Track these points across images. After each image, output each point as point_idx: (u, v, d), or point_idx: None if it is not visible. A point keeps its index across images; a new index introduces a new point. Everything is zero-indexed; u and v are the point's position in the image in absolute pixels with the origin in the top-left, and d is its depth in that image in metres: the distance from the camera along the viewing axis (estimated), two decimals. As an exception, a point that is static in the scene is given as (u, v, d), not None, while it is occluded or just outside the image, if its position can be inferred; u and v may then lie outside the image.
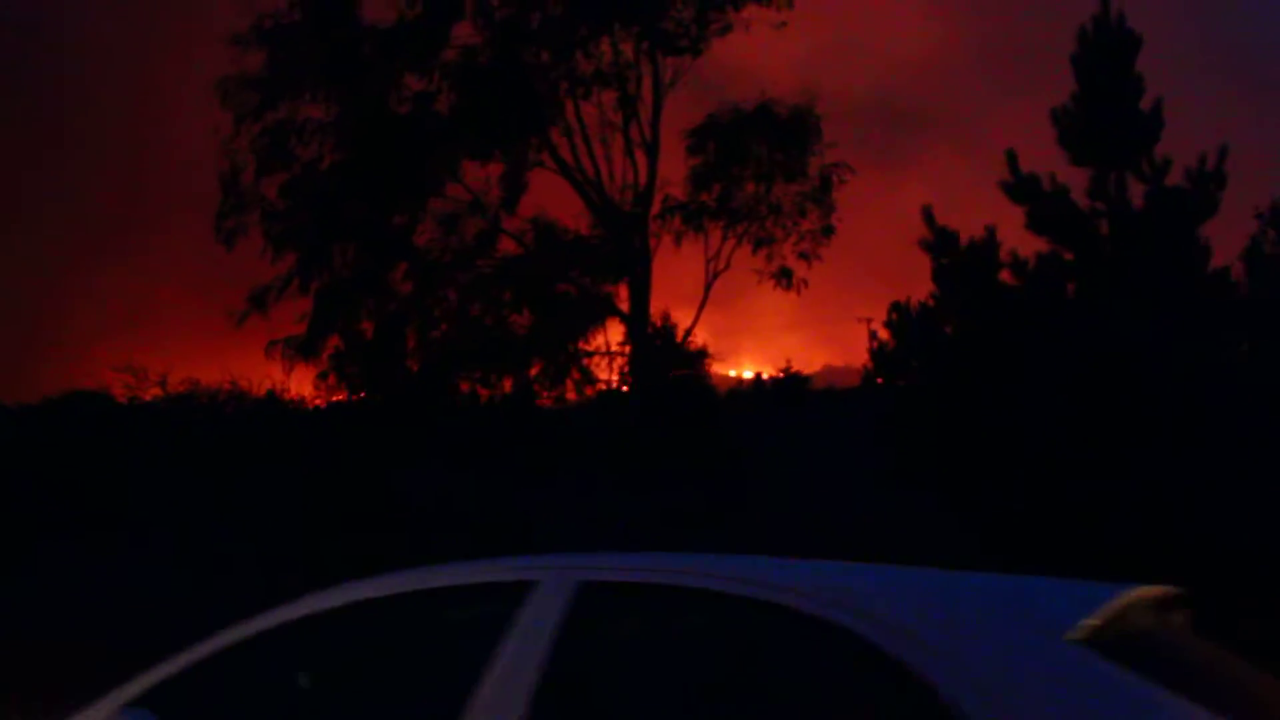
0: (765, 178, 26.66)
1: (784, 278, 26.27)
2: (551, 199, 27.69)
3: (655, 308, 27.01)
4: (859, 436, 30.52)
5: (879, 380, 33.10)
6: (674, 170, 27.05)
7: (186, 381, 26.68)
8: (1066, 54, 14.21)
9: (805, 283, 26.27)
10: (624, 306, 26.77)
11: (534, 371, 26.41)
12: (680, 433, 25.97)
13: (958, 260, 16.60)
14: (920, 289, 17.81)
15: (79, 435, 24.72)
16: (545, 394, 26.45)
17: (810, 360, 52.80)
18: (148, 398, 27.41)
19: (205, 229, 24.45)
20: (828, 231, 26.35)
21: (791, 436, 30.11)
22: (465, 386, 26.43)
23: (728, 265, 26.84)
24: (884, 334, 20.34)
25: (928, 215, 16.55)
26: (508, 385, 26.55)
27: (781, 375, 36.15)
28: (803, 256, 26.39)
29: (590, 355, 26.48)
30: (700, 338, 28.17)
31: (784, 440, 29.47)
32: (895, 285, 28.91)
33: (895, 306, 32.19)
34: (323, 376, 24.49)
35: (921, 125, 39.76)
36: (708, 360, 28.53)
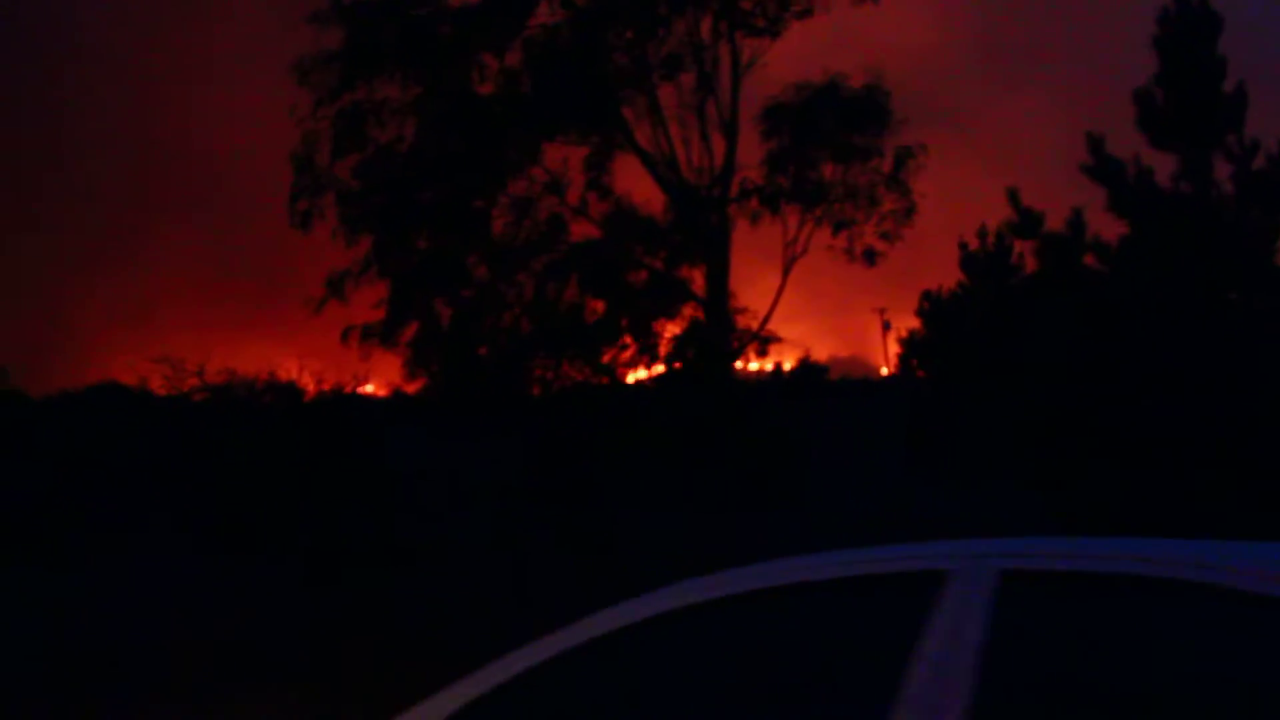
0: (841, 159, 26.36)
1: (868, 259, 25.98)
2: (626, 183, 27.41)
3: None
4: (886, 424, 30.63)
5: (914, 364, 32.94)
6: (746, 154, 26.91)
7: (223, 372, 26.54)
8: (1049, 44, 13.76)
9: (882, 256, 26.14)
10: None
11: (606, 358, 26.21)
12: (729, 421, 25.93)
13: (1045, 242, 16.25)
14: (926, 278, 17.73)
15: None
16: (621, 378, 26.28)
17: (817, 351, 52.72)
18: (185, 388, 27.25)
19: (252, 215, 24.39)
20: (910, 212, 26.03)
21: (821, 424, 30.03)
22: (538, 373, 26.35)
23: (805, 250, 26.62)
24: (914, 323, 19.91)
25: (1013, 197, 16.20)
26: (578, 373, 26.38)
27: (799, 365, 36.46)
28: (884, 237, 26.18)
29: (661, 340, 26.20)
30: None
31: (816, 429, 29.39)
32: (892, 277, 28.23)
33: (926, 295, 32.38)
34: (410, 368, 24.36)
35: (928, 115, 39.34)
36: (775, 346, 28.18)
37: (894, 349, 44.77)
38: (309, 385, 26.33)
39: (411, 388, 25.40)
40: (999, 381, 31.33)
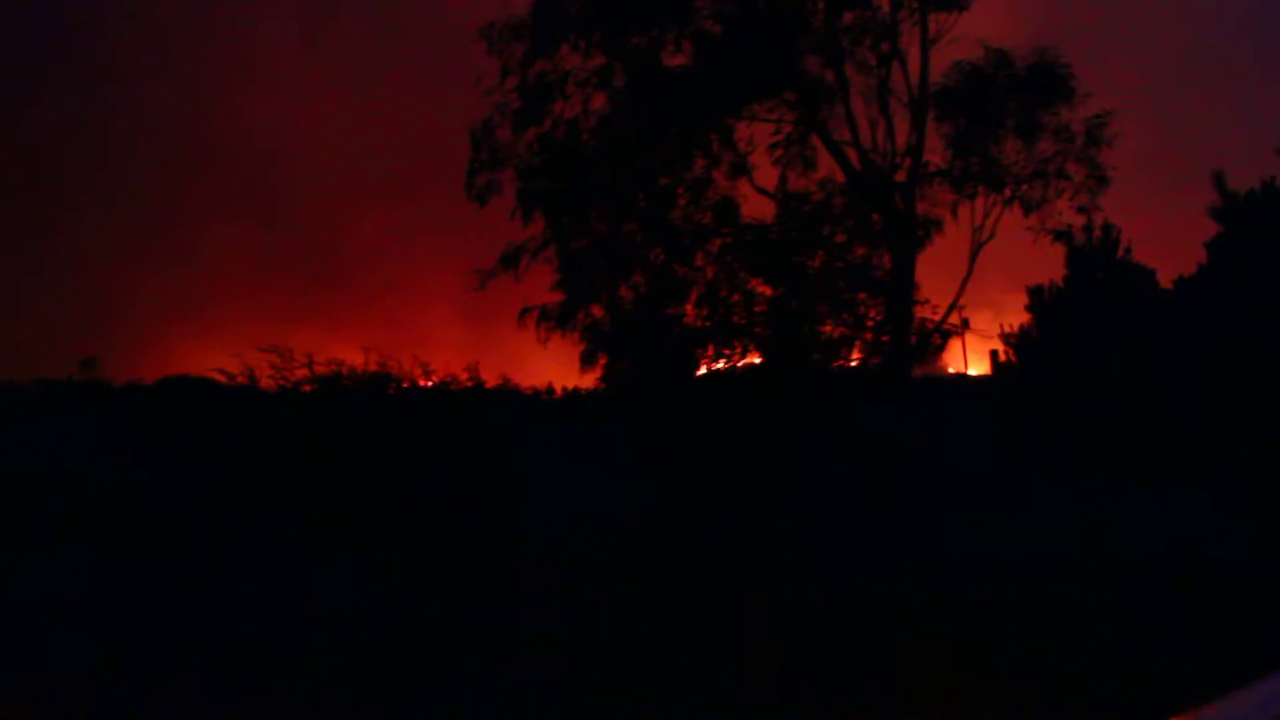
0: (1026, 135, 25.09)
1: (1062, 238, 24.70)
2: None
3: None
4: (980, 422, 29.55)
5: (1011, 360, 31.79)
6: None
7: (332, 364, 25.21)
8: None
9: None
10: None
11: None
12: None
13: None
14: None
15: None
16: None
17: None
18: (295, 379, 25.99)
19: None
20: (1104, 182, 24.77)
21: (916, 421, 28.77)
22: (706, 361, 24.95)
23: (993, 234, 25.30)
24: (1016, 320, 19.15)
25: (1219, 180, 14.98)
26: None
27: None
28: (1082, 210, 24.90)
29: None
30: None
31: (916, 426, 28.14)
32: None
33: (1031, 291, 31.36)
34: (588, 358, 22.90)
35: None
36: (960, 336, 26.82)
37: (977, 344, 43.48)
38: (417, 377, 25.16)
39: (586, 379, 23.88)
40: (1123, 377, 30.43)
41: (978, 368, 49.47)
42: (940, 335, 25.58)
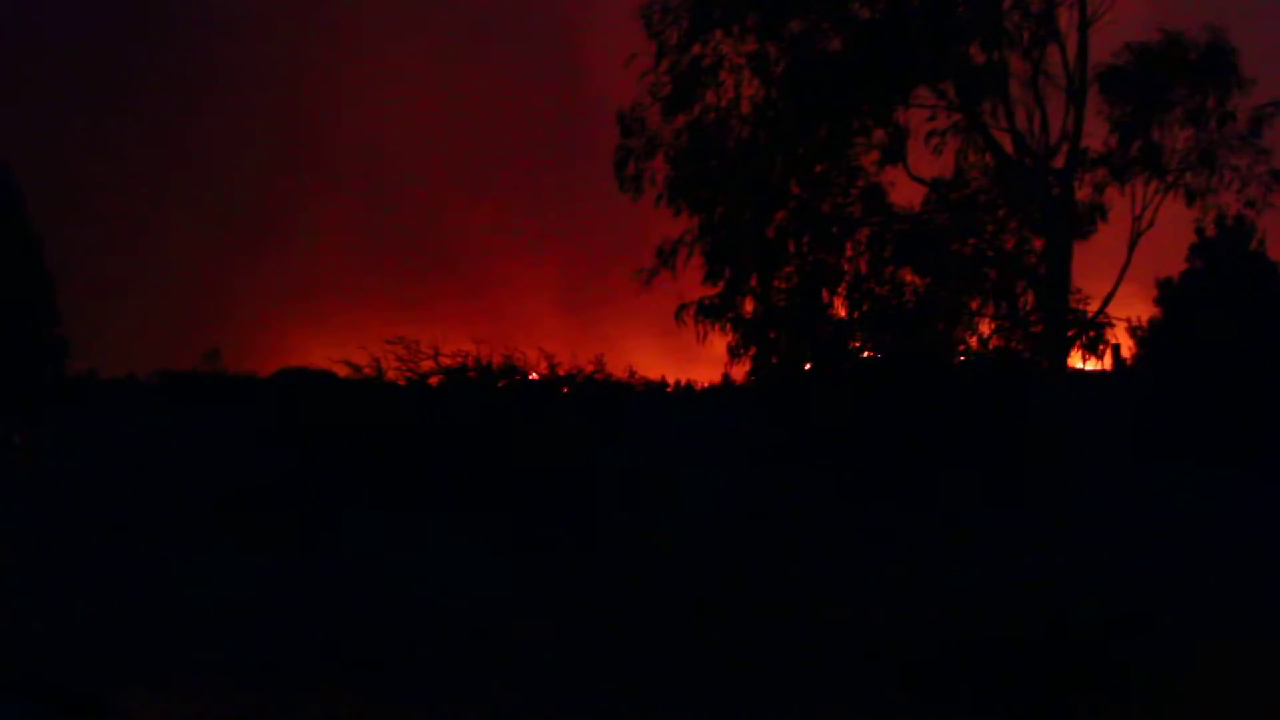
0: (1192, 122, 24.16)
1: (1240, 227, 23.91)
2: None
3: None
4: (1108, 416, 28.79)
5: (1135, 354, 30.94)
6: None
7: (458, 355, 24.84)
8: None
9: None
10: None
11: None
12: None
13: None
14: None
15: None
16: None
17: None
18: (422, 371, 25.70)
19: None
20: (1277, 176, 23.77)
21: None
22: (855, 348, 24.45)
23: (1152, 223, 24.42)
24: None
25: None
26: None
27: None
28: (1250, 205, 23.87)
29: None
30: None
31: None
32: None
33: (1161, 284, 30.51)
34: (737, 350, 22.36)
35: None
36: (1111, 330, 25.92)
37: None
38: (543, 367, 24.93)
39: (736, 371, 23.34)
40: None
41: (1093, 363, 48.42)
42: (1095, 328, 24.71)
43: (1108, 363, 27.48)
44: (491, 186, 49.17)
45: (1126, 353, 30.09)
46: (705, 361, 26.17)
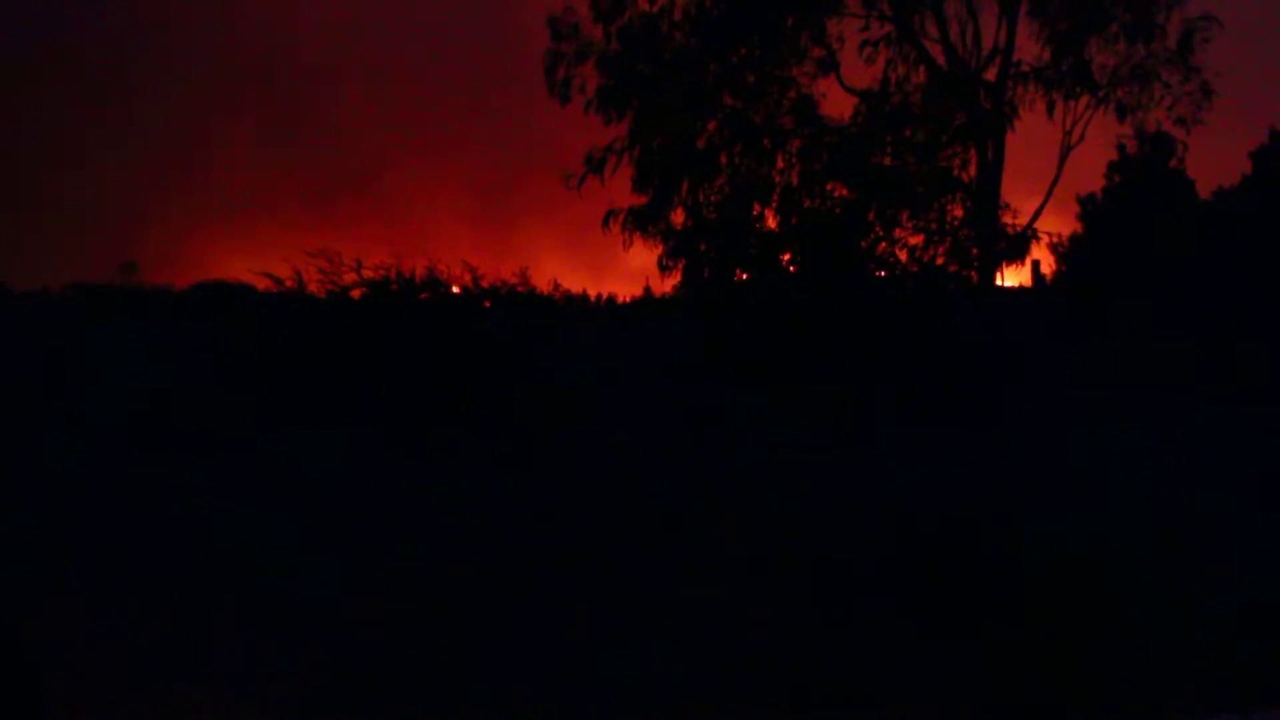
0: (1125, 38, 24.13)
1: (1160, 144, 23.83)
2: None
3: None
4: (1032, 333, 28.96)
5: (1061, 270, 31.13)
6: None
7: (380, 268, 24.39)
8: None
9: (1186, 147, 23.88)
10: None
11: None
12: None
13: None
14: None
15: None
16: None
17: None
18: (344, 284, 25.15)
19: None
20: (1207, 93, 23.83)
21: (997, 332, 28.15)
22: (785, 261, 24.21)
23: (1082, 138, 24.47)
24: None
25: None
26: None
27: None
28: (1180, 123, 23.93)
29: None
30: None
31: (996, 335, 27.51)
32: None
33: (1083, 200, 30.65)
34: (665, 262, 22.13)
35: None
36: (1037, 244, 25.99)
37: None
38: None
39: (664, 284, 23.06)
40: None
41: (1013, 279, 48.83)
42: (1022, 241, 24.74)
43: (1028, 279, 27.59)
44: (412, 98, 48.34)
45: (1047, 269, 30.22)
46: (622, 275, 25.99)
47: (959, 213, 24.12)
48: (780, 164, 23.76)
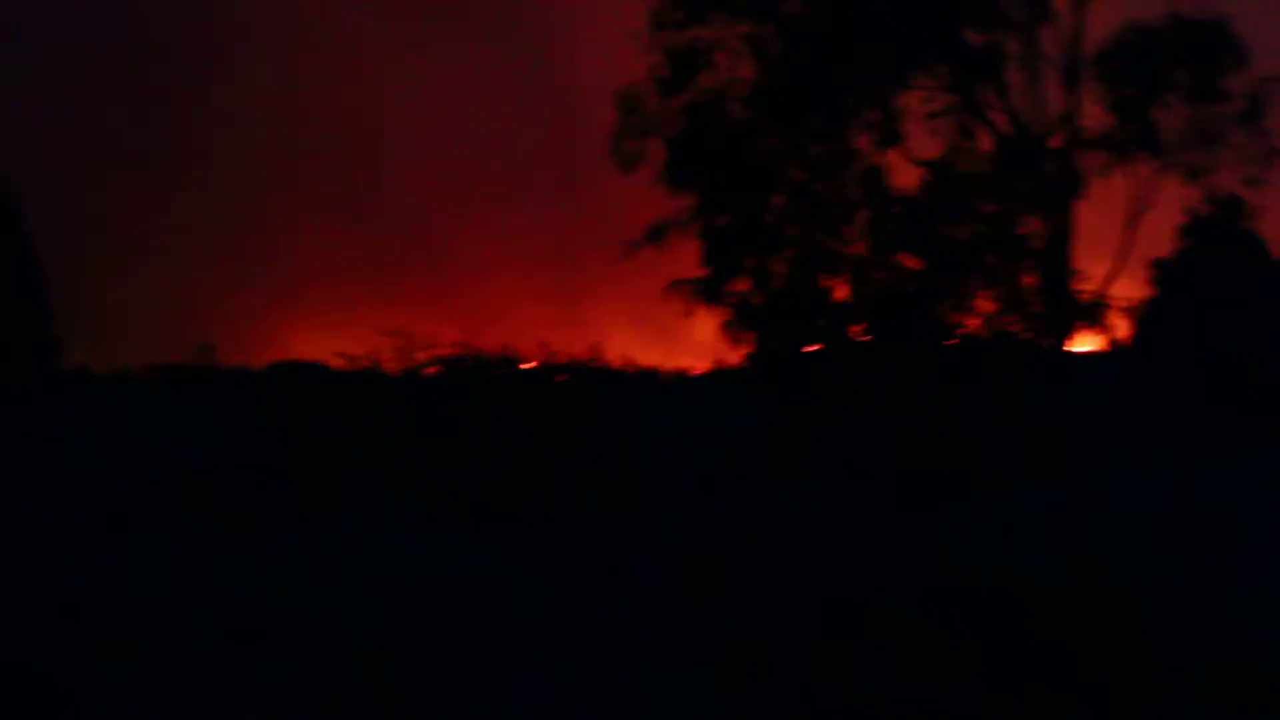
0: (1194, 100, 24.06)
1: (1230, 206, 23.79)
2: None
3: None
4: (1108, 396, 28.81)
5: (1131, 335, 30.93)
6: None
7: (457, 345, 24.83)
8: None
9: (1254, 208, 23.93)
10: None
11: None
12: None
13: None
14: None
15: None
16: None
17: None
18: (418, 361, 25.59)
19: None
20: (1273, 153, 23.70)
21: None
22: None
23: (1151, 201, 24.32)
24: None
25: None
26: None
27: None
28: (1250, 183, 23.74)
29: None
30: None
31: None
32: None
33: (1156, 264, 30.41)
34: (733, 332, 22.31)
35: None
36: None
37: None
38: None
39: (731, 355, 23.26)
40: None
41: (1086, 344, 48.46)
42: (1097, 308, 24.61)
43: (1104, 343, 27.44)
44: (479, 171, 49.01)
45: (1121, 333, 30.06)
46: (688, 346, 26.28)
47: (1030, 280, 24.11)
48: (847, 234, 23.92)
